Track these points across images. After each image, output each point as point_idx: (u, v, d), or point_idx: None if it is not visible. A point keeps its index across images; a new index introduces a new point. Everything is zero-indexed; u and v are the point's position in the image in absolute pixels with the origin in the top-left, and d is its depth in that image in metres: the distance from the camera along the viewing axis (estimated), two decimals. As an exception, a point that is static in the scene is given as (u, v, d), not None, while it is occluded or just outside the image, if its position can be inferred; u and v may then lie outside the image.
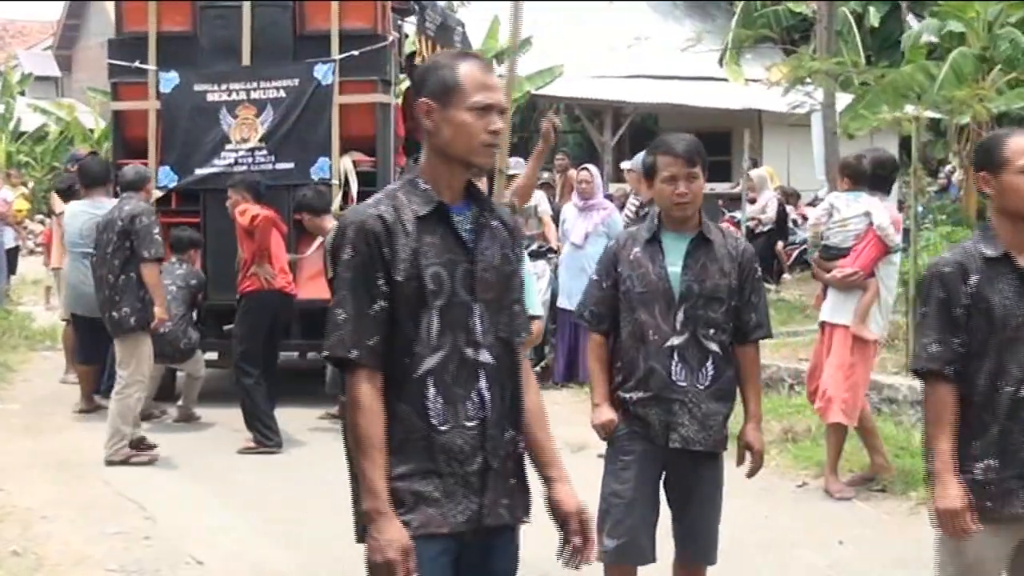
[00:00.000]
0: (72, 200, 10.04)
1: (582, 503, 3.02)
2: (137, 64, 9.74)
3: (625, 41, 22.79)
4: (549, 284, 10.38)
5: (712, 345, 4.20)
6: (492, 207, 3.02)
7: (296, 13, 9.67)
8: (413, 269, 2.84)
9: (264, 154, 9.58)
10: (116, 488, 7.20)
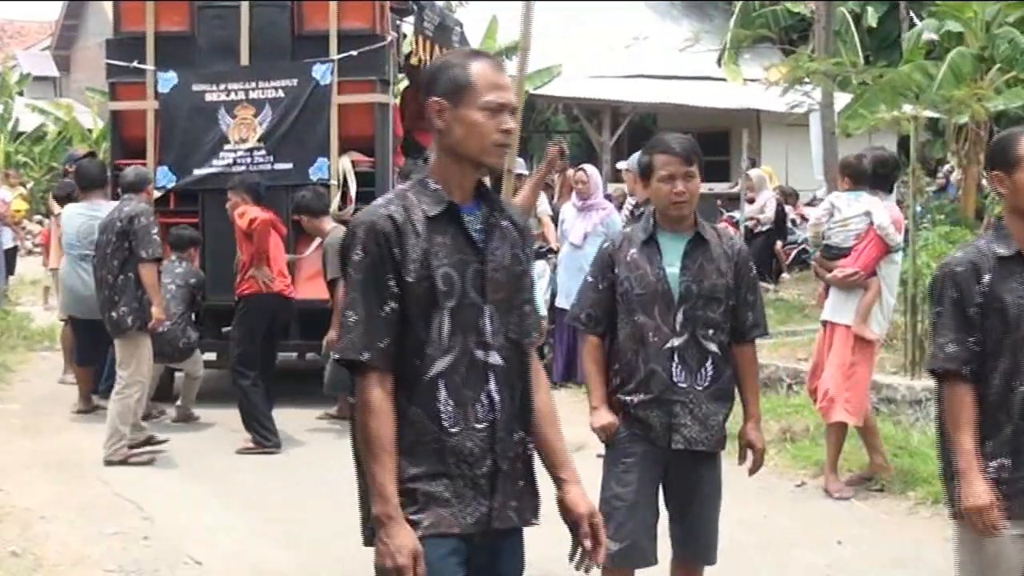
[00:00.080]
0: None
1: (593, 506, 3.01)
2: (135, 64, 9.73)
3: (623, 41, 22.76)
4: (549, 284, 10.39)
5: (711, 345, 4.19)
6: (502, 207, 2.99)
7: (294, 13, 9.67)
8: (424, 270, 2.82)
9: (263, 154, 9.57)
10: (115, 488, 7.19)
